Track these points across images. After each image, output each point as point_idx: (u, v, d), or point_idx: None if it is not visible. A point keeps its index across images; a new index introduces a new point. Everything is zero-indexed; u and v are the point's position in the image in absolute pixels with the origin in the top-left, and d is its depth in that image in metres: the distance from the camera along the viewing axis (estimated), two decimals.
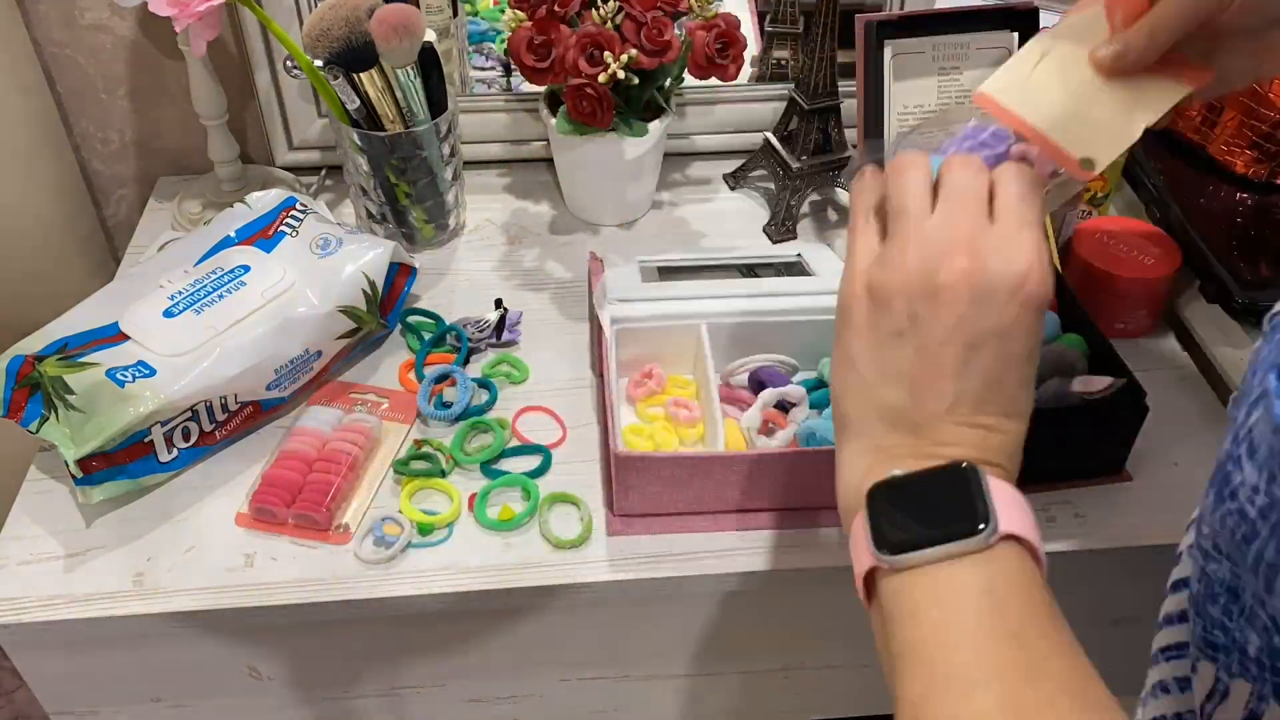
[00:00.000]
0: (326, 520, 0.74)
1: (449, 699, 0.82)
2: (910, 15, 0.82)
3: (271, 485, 0.75)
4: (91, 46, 1.02)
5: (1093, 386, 0.75)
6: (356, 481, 0.78)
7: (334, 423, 0.80)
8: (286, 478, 0.76)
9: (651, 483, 0.73)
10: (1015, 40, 0.84)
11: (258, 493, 0.75)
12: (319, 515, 0.74)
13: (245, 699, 0.79)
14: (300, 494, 0.75)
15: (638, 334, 0.82)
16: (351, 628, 0.75)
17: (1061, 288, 0.84)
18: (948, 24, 0.83)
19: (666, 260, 0.92)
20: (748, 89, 1.08)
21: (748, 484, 0.74)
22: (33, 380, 0.75)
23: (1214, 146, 0.96)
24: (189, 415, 0.76)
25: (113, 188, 1.13)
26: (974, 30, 0.83)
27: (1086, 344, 0.81)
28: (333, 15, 0.85)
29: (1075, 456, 0.78)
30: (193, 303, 0.79)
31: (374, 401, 0.84)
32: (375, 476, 0.78)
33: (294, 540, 0.74)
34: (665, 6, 0.89)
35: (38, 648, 0.73)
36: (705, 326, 0.81)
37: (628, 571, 0.73)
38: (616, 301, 0.82)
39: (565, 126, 0.93)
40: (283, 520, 0.75)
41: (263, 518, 0.75)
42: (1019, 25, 0.84)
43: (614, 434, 0.73)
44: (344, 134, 0.92)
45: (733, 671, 0.83)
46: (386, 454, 0.80)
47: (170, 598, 0.71)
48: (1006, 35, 0.84)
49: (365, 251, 0.85)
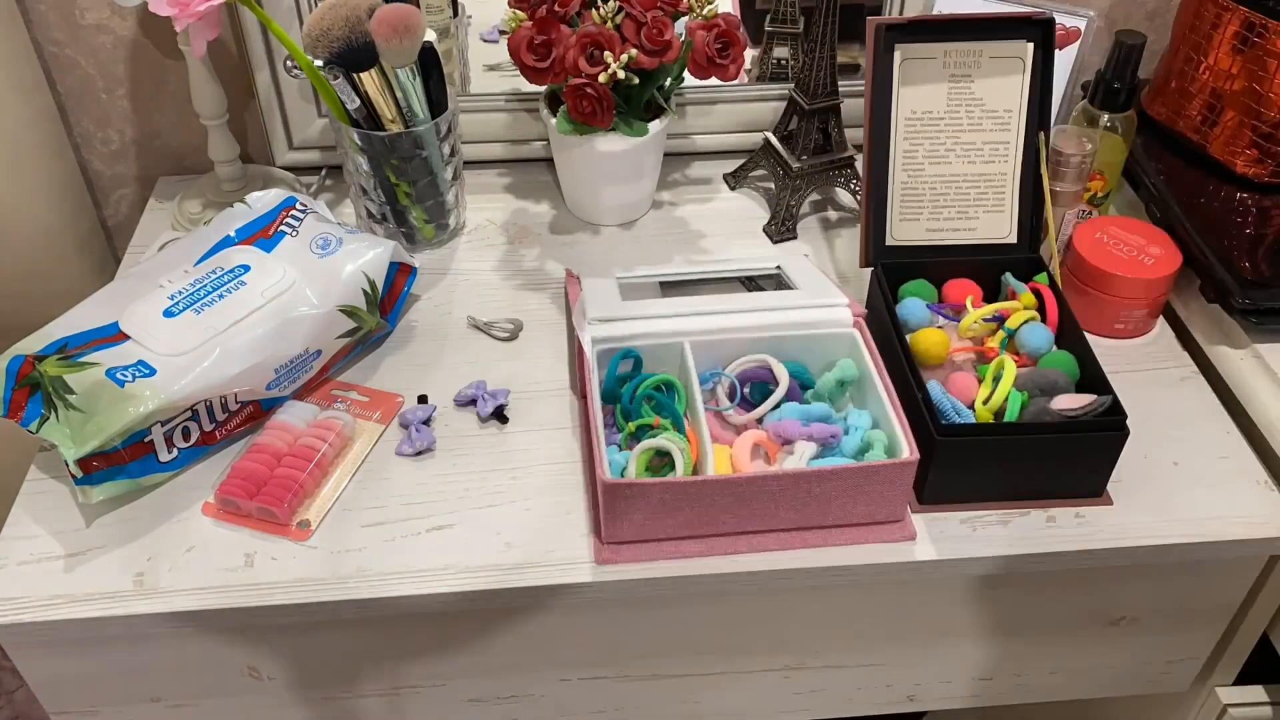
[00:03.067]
0: (287, 515, 0.74)
1: (449, 699, 0.82)
2: (923, 20, 0.81)
3: (237, 477, 0.76)
4: (91, 46, 1.02)
5: (1073, 404, 0.75)
6: (323, 478, 0.78)
7: (309, 418, 0.81)
8: (253, 470, 0.76)
9: (640, 510, 0.72)
10: (1030, 50, 0.83)
11: (223, 484, 0.76)
12: (279, 510, 0.74)
13: (245, 699, 0.79)
14: (264, 487, 0.75)
15: (620, 354, 0.80)
16: (351, 628, 0.75)
17: (1061, 304, 0.84)
18: (961, 30, 0.82)
19: (645, 275, 0.91)
20: (748, 89, 1.08)
21: (739, 507, 0.72)
22: (33, 380, 0.75)
23: (1214, 146, 0.96)
24: (189, 415, 0.76)
25: (113, 188, 1.13)
26: (988, 38, 0.82)
27: (1078, 363, 0.80)
28: (333, 15, 0.85)
29: (1054, 475, 0.77)
30: (193, 302, 0.79)
31: (355, 399, 0.84)
32: (344, 474, 0.78)
33: (294, 540, 0.74)
34: (665, 6, 0.89)
35: (38, 648, 0.73)
36: (688, 344, 0.80)
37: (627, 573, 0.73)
38: (596, 321, 0.81)
39: (565, 126, 0.93)
40: (246, 513, 0.75)
41: (228, 509, 0.76)
42: (1035, 35, 0.83)
43: (600, 461, 0.71)
44: (344, 134, 0.92)
45: (733, 671, 0.83)
46: (359, 452, 0.80)
47: (170, 598, 0.71)
48: (1021, 45, 0.83)
49: (365, 251, 0.85)
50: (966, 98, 0.85)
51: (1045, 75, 0.84)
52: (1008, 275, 0.87)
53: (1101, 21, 1.06)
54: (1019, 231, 0.88)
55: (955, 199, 0.87)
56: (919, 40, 0.82)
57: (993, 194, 0.87)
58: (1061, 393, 0.77)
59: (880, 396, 0.76)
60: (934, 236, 0.88)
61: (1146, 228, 0.92)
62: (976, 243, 0.88)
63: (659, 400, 0.78)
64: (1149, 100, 1.02)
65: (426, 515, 0.76)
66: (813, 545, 0.74)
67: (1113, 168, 0.96)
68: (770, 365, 0.80)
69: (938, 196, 0.87)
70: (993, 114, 0.86)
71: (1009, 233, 0.88)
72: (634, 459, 0.73)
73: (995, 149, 0.87)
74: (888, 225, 0.87)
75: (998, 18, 0.84)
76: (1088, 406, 0.74)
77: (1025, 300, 0.85)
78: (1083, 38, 0.93)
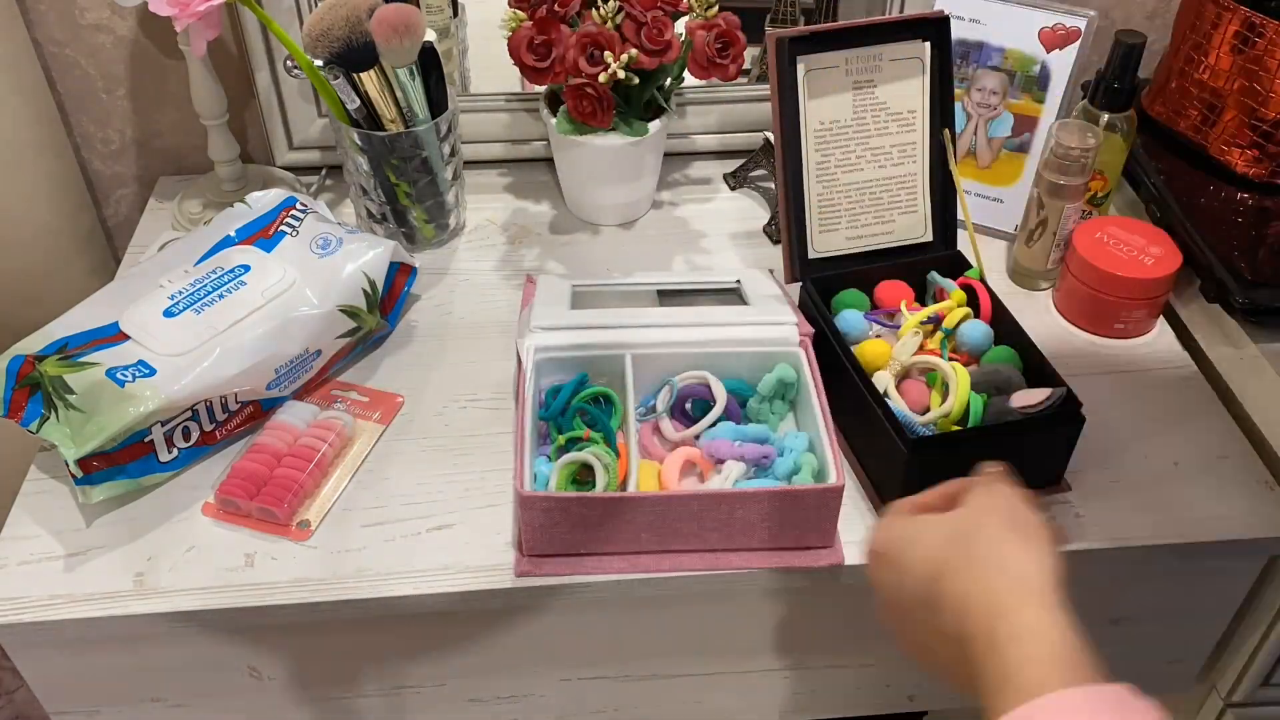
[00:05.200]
0: (287, 516, 0.74)
1: (449, 699, 0.82)
2: (821, 30, 0.82)
3: (237, 477, 0.76)
4: (91, 46, 1.02)
5: (1032, 400, 0.74)
6: (323, 478, 0.78)
7: (309, 418, 0.81)
8: (253, 470, 0.76)
9: (560, 524, 0.71)
10: (927, 50, 0.84)
11: (223, 484, 0.76)
12: (280, 511, 0.74)
13: (245, 699, 0.79)
14: (264, 487, 0.75)
15: (561, 363, 0.79)
16: (351, 628, 0.75)
17: (993, 297, 0.83)
18: (859, 36, 0.83)
19: (602, 284, 0.91)
20: (748, 89, 1.08)
21: (660, 525, 0.71)
22: (33, 380, 0.75)
23: (1214, 146, 0.96)
24: (189, 415, 0.76)
25: (113, 188, 1.13)
26: (885, 41, 0.83)
27: (1019, 356, 0.80)
28: (333, 15, 0.85)
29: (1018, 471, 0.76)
30: (193, 302, 0.79)
31: (354, 400, 0.84)
32: (344, 474, 0.79)
33: (294, 540, 0.74)
34: (665, 6, 0.89)
35: (38, 648, 0.73)
36: (630, 356, 0.79)
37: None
38: (539, 330, 0.79)
39: (565, 126, 0.93)
40: (246, 513, 0.75)
41: (228, 509, 0.76)
42: (930, 35, 0.83)
43: (524, 471, 0.71)
44: (344, 134, 0.92)
45: (733, 671, 0.83)
46: (359, 452, 0.80)
47: (170, 598, 0.71)
48: (919, 45, 0.84)
49: (365, 251, 0.85)
50: (871, 103, 0.85)
51: (944, 73, 0.85)
52: (933, 274, 0.87)
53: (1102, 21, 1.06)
54: (934, 229, 0.89)
55: (870, 204, 0.87)
56: (820, 50, 0.82)
57: (905, 195, 0.88)
58: (1016, 389, 0.76)
59: (816, 418, 0.75)
60: (855, 244, 0.88)
61: (1146, 228, 0.92)
62: (896, 245, 0.89)
63: (593, 414, 0.78)
64: (1149, 100, 1.02)
65: (426, 515, 0.76)
66: (735, 567, 0.73)
67: (1113, 168, 0.96)
68: (709, 382, 0.79)
69: (853, 204, 0.87)
70: (897, 116, 0.86)
71: (925, 231, 0.89)
72: (555, 472, 0.73)
73: (903, 150, 0.87)
74: (809, 238, 0.87)
75: (894, 21, 0.85)
76: (1046, 400, 0.74)
77: (957, 298, 0.84)
78: (1083, 38, 0.93)
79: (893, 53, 0.84)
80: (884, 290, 0.87)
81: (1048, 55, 0.94)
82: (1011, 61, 0.95)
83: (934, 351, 0.81)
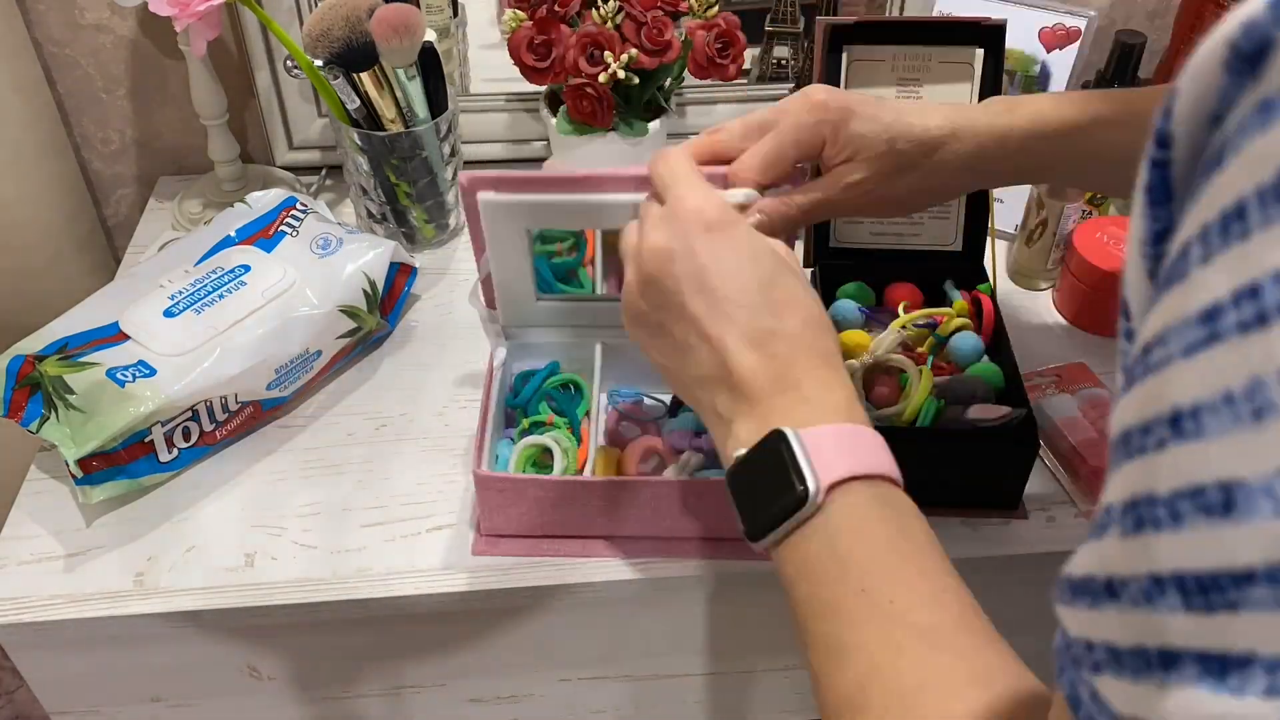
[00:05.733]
0: None
1: (449, 699, 0.82)
2: (871, 21, 0.80)
3: None
4: (91, 46, 1.02)
5: (988, 414, 0.73)
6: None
7: None
8: None
9: (516, 505, 0.72)
10: (980, 57, 0.81)
11: None
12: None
13: (245, 699, 0.79)
14: None
15: (531, 349, 0.80)
16: (351, 628, 0.75)
17: (997, 316, 0.81)
18: (910, 34, 0.81)
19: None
20: (748, 89, 1.08)
21: (614, 511, 0.72)
22: (33, 380, 0.75)
23: None
24: (189, 415, 0.76)
25: (113, 188, 1.13)
26: (938, 43, 0.81)
27: (1003, 376, 0.78)
28: (333, 15, 0.85)
29: (969, 485, 0.75)
30: (193, 302, 0.79)
31: None
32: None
33: (293, 540, 0.74)
34: (665, 6, 0.89)
35: (38, 648, 0.73)
36: (600, 346, 0.79)
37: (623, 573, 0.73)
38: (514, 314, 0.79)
39: (565, 126, 0.93)
40: None
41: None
42: (986, 43, 0.81)
43: (477, 452, 0.72)
44: (344, 134, 0.92)
45: (732, 671, 0.83)
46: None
47: (170, 598, 0.71)
48: (970, 51, 0.81)
49: (365, 251, 0.85)
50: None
51: (995, 82, 0.82)
52: (949, 283, 0.85)
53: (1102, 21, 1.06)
54: (964, 240, 0.86)
55: None
56: (867, 42, 0.81)
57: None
58: (980, 401, 0.75)
59: None
60: (879, 240, 0.86)
61: None
62: (921, 249, 0.86)
63: (559, 400, 0.79)
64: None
65: (426, 515, 0.76)
66: (688, 556, 0.73)
67: None
68: None
69: None
70: None
71: (954, 240, 0.86)
72: (515, 454, 0.74)
73: None
74: (832, 226, 0.86)
75: (950, 22, 0.82)
76: (1003, 417, 0.73)
77: (959, 307, 0.82)
78: (1083, 38, 0.93)
79: (944, 55, 0.81)
80: (894, 291, 0.86)
81: (1048, 55, 0.95)
82: (1012, 61, 0.95)
83: (923, 355, 0.80)
